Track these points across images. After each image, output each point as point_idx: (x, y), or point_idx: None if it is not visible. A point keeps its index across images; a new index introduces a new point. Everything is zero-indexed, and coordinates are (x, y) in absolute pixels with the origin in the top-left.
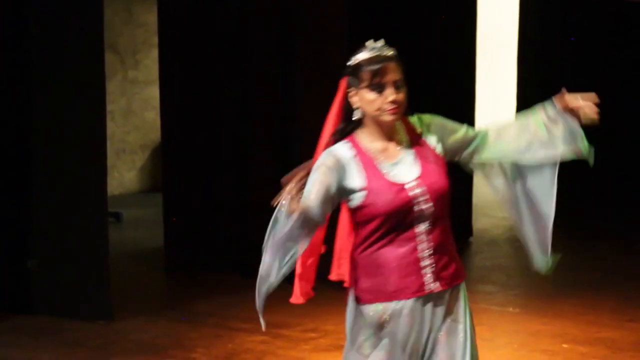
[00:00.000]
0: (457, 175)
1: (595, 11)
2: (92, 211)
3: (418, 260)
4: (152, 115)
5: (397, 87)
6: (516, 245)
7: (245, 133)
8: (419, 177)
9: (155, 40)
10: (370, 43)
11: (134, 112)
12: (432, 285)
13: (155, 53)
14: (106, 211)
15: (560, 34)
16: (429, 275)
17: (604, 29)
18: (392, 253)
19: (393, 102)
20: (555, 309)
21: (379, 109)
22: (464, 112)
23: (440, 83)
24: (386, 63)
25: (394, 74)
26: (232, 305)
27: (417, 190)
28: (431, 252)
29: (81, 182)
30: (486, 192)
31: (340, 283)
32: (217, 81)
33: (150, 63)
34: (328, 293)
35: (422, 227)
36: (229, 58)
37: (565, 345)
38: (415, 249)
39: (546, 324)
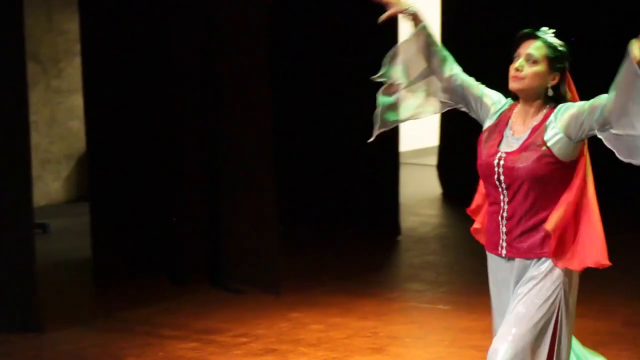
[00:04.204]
0: (384, 176)
1: (519, 5)
2: (18, 223)
3: (498, 223)
4: (77, 125)
5: (529, 60)
6: (444, 242)
7: (172, 140)
8: (507, 154)
9: (77, 48)
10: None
11: (58, 122)
12: (503, 250)
13: (78, 61)
14: (32, 222)
15: (481, 28)
16: (502, 239)
17: (527, 23)
18: (489, 207)
19: (515, 69)
20: (485, 305)
21: (509, 77)
22: None
23: (361, 81)
24: (526, 38)
25: (530, 49)
26: (162, 312)
27: (500, 163)
28: (505, 221)
29: (6, 193)
30: (414, 190)
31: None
32: (142, 88)
33: (73, 72)
34: (258, 297)
35: (503, 196)
36: (153, 64)
37: None
38: (497, 212)
39: (476, 320)
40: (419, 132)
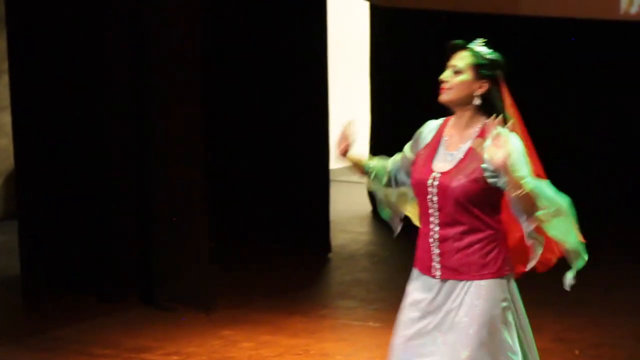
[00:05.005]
0: (314, 192)
1: (451, 25)
2: None
3: (430, 245)
4: (5, 142)
5: (453, 71)
6: (374, 260)
7: (101, 157)
8: (442, 174)
9: (5, 65)
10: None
11: None
12: (437, 272)
13: (5, 79)
14: None
15: (412, 46)
16: (435, 261)
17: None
18: (422, 228)
19: (441, 80)
20: None
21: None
22: (317, 129)
23: (293, 99)
24: (452, 50)
25: (456, 59)
26: (93, 330)
27: (434, 183)
28: (438, 242)
29: None
30: (344, 208)
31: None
32: (71, 105)
33: (1, 89)
34: (188, 315)
35: (434, 217)
36: (81, 81)
37: None
38: (430, 233)
39: None
40: None
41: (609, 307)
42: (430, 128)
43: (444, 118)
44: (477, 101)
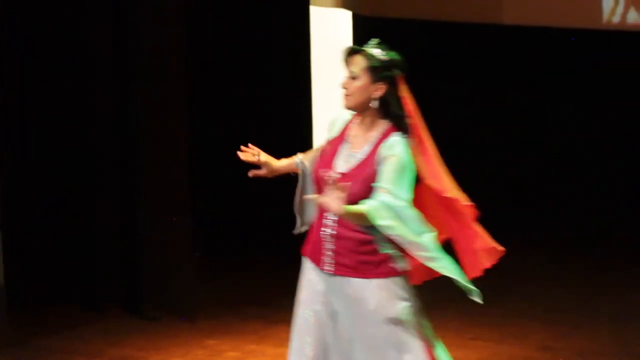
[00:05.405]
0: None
1: (434, 33)
2: None
3: (323, 240)
4: None
5: (350, 77)
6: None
7: (86, 166)
8: (341, 174)
9: None
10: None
11: None
12: (329, 267)
13: None
14: None
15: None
16: (329, 256)
17: (434, 52)
18: (316, 220)
19: (341, 87)
20: None
21: None
22: (301, 138)
23: (276, 109)
24: (348, 56)
25: (351, 65)
26: (76, 339)
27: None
28: (335, 239)
29: None
30: None
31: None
32: (55, 117)
33: None
34: (173, 324)
35: (330, 214)
36: (66, 92)
37: None
38: (320, 228)
39: None
40: None
41: (593, 314)
42: (342, 119)
43: (353, 113)
44: (374, 104)
